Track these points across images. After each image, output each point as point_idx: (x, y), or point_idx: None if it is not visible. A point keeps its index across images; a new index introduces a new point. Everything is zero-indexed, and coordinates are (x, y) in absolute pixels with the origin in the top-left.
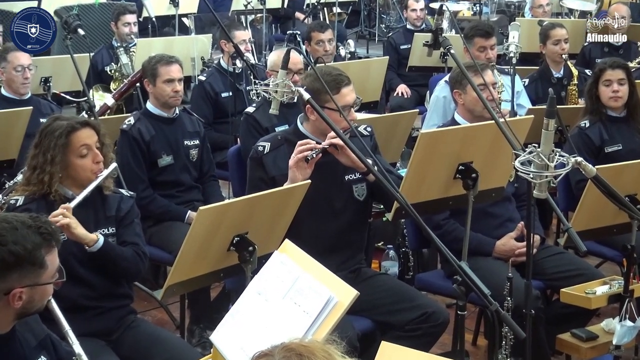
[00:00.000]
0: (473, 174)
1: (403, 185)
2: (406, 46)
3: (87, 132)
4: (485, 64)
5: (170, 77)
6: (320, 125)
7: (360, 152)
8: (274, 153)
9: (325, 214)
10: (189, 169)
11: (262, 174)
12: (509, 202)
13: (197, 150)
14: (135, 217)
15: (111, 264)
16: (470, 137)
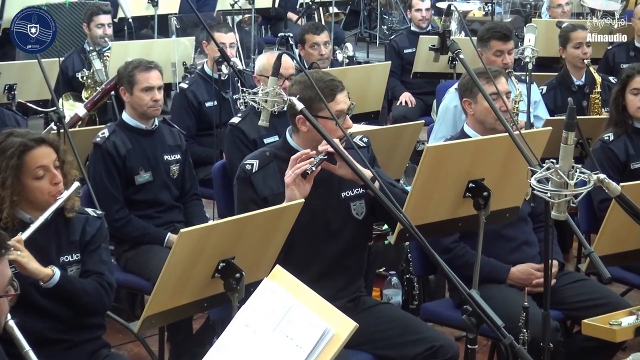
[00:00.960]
0: (485, 192)
1: (407, 205)
2: (410, 50)
3: (43, 151)
4: (498, 71)
5: (148, 85)
6: (313, 137)
7: (357, 165)
8: (263, 171)
9: (320, 235)
10: (169, 186)
11: (253, 195)
12: (525, 223)
13: (179, 165)
14: (103, 241)
15: (70, 299)
16: (482, 151)
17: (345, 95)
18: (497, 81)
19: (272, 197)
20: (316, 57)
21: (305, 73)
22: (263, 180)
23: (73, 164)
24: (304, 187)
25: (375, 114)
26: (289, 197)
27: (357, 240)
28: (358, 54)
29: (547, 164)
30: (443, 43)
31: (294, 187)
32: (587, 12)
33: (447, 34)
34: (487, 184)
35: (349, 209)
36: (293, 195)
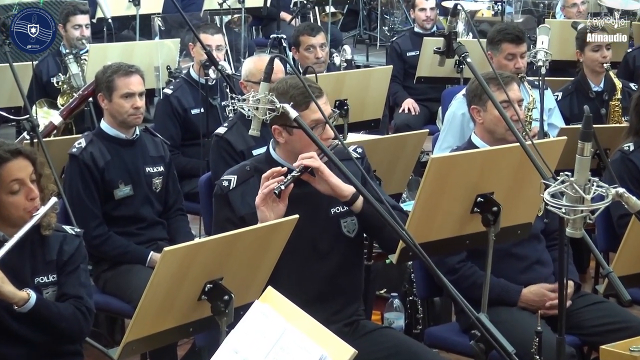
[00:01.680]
0: (494, 207)
1: (410, 221)
2: (414, 53)
3: (19, 164)
4: (510, 76)
5: (129, 91)
6: (293, 148)
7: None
8: (242, 188)
9: (308, 256)
10: (151, 201)
11: (229, 214)
12: (538, 241)
13: (162, 178)
14: (82, 262)
15: (46, 325)
16: (491, 163)
17: (324, 102)
18: (509, 88)
19: (250, 216)
20: (312, 60)
21: (298, 76)
22: (241, 198)
23: (50, 177)
24: (277, 208)
25: (375, 123)
26: (261, 219)
27: (349, 260)
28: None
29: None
30: (449, 45)
31: (264, 208)
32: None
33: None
34: (496, 198)
35: (339, 227)
36: (265, 217)
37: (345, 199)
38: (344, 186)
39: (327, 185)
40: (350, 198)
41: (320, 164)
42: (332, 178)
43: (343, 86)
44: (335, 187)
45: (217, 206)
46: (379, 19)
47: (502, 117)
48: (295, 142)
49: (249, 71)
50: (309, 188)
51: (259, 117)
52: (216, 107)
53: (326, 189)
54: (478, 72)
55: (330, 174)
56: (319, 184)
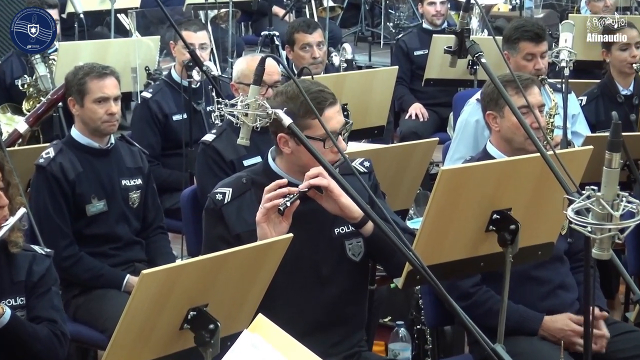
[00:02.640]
0: (512, 225)
1: (418, 241)
2: (422, 52)
3: None
4: (530, 79)
5: (103, 95)
6: (298, 160)
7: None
8: (238, 202)
9: (309, 281)
10: (128, 218)
11: (223, 232)
12: (561, 263)
13: (140, 192)
14: (53, 284)
15: (19, 345)
16: (509, 175)
17: (336, 111)
18: (529, 92)
19: (247, 234)
20: (308, 60)
21: (294, 81)
22: (237, 213)
23: (18, 187)
24: (280, 226)
25: (379, 130)
26: (261, 237)
27: (354, 286)
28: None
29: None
30: (461, 44)
31: (265, 225)
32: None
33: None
34: (514, 215)
35: (343, 249)
36: (265, 235)
37: (355, 221)
38: (355, 207)
39: (335, 205)
40: (360, 220)
41: (329, 182)
42: (343, 198)
43: (343, 89)
44: (345, 207)
45: (209, 222)
46: (383, 14)
47: (521, 124)
48: (302, 154)
49: (241, 72)
50: (311, 205)
51: (249, 124)
52: (200, 112)
53: (334, 208)
54: (494, 74)
55: (340, 193)
56: (326, 202)
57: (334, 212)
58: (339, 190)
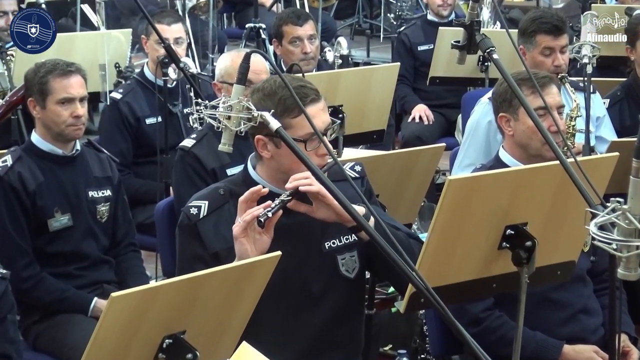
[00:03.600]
0: (528, 241)
1: (422, 259)
2: (426, 47)
3: None
4: (548, 77)
5: (67, 95)
6: (279, 165)
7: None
8: (215, 216)
9: (297, 302)
10: (95, 234)
11: (199, 250)
12: (583, 284)
13: (109, 205)
14: (9, 312)
15: None
16: (524, 186)
17: (320, 109)
18: (546, 91)
19: (226, 252)
20: (298, 56)
21: (279, 74)
22: (214, 229)
23: None
24: (261, 240)
25: (378, 135)
26: (239, 253)
27: (349, 307)
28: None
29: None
30: (471, 38)
31: (244, 240)
32: None
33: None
34: (530, 230)
35: (335, 265)
36: (244, 251)
37: (353, 224)
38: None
39: (330, 211)
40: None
41: (319, 188)
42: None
43: (337, 89)
44: (342, 211)
45: (183, 240)
46: (383, 4)
47: (538, 128)
48: (284, 158)
49: (224, 70)
50: (296, 216)
51: (232, 128)
52: (177, 115)
53: (329, 215)
54: (507, 72)
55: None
56: (318, 211)
57: (330, 219)
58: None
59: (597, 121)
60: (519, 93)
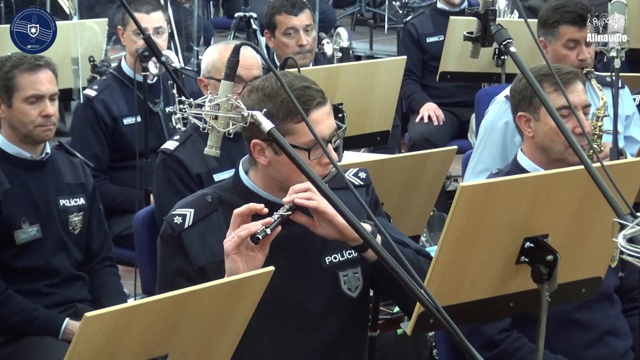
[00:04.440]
0: (549, 255)
1: (432, 275)
2: (436, 38)
3: None
4: (573, 72)
5: (36, 92)
6: (277, 173)
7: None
8: (202, 226)
9: (293, 323)
10: (67, 247)
11: (183, 264)
12: (610, 303)
13: (82, 215)
14: None
15: None
16: (545, 193)
17: (325, 113)
18: (571, 88)
19: (213, 266)
20: (292, 49)
21: (275, 74)
22: (200, 241)
23: None
24: (255, 258)
25: (382, 137)
26: (230, 272)
27: (350, 328)
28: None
29: None
30: (485, 29)
31: (236, 257)
32: None
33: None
34: (552, 243)
35: (336, 282)
36: (236, 269)
37: (357, 243)
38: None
39: (332, 228)
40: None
41: (318, 203)
42: (339, 218)
43: (337, 85)
44: (345, 229)
45: (165, 252)
46: None
47: (561, 129)
48: (283, 166)
49: (211, 64)
50: (294, 226)
51: (219, 129)
52: (158, 114)
53: (330, 233)
54: (526, 67)
55: (335, 213)
56: (320, 227)
57: (331, 237)
58: (333, 209)
59: (626, 120)
60: (540, 91)
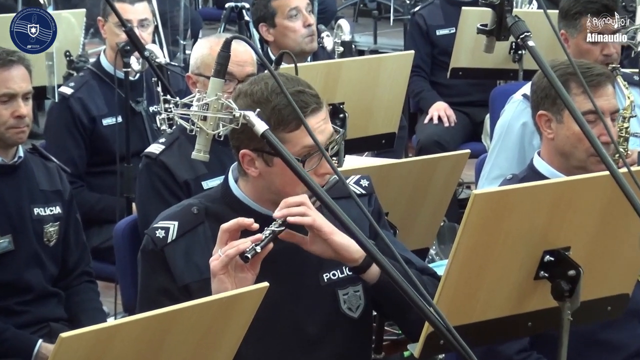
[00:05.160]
0: (571, 270)
1: (442, 292)
2: (447, 31)
3: None
4: (604, 74)
5: (8, 91)
6: (269, 185)
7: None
8: (187, 240)
9: (289, 345)
10: (41, 260)
11: (165, 282)
12: (639, 322)
13: (58, 225)
14: None
15: None
16: (567, 201)
17: (321, 119)
18: (600, 92)
19: (198, 285)
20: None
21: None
22: (185, 256)
23: None
24: (244, 278)
25: (387, 139)
26: (217, 292)
27: (351, 351)
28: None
29: None
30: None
31: (224, 277)
32: None
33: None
34: (574, 256)
35: (335, 302)
36: (224, 290)
37: (355, 264)
38: (354, 247)
39: (327, 246)
40: (362, 263)
41: (314, 220)
42: (337, 237)
43: (338, 83)
44: (342, 248)
45: (147, 269)
46: None
47: (588, 137)
48: (276, 177)
49: (200, 59)
50: (289, 242)
51: (208, 131)
52: (141, 115)
53: (325, 251)
54: (546, 63)
55: (332, 231)
56: (314, 245)
57: (326, 255)
58: (329, 226)
59: None
60: (563, 94)
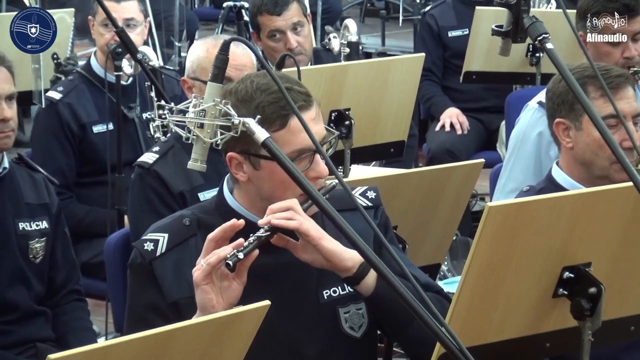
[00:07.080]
0: (592, 287)
1: (454, 310)
2: (459, 32)
3: None
4: (623, 75)
5: None
6: (259, 190)
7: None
8: (177, 254)
9: None
10: (27, 278)
11: (154, 297)
12: None
13: (45, 240)
14: None
15: None
16: (587, 214)
17: (311, 119)
18: (620, 95)
19: (188, 301)
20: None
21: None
22: (175, 271)
23: None
24: (230, 289)
25: (396, 147)
26: (201, 305)
27: None
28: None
29: None
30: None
31: (208, 287)
32: None
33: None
34: (595, 273)
35: (336, 320)
36: (208, 301)
37: (348, 274)
38: (347, 254)
39: (316, 253)
40: (356, 272)
41: (300, 224)
42: (326, 242)
43: (344, 87)
44: (333, 254)
45: (135, 284)
46: None
47: (608, 142)
48: (264, 182)
49: (197, 63)
50: (285, 254)
51: (205, 139)
52: (133, 121)
53: (316, 259)
54: (565, 67)
55: (321, 236)
56: (303, 252)
57: (316, 263)
58: (318, 231)
59: None
60: (582, 97)
